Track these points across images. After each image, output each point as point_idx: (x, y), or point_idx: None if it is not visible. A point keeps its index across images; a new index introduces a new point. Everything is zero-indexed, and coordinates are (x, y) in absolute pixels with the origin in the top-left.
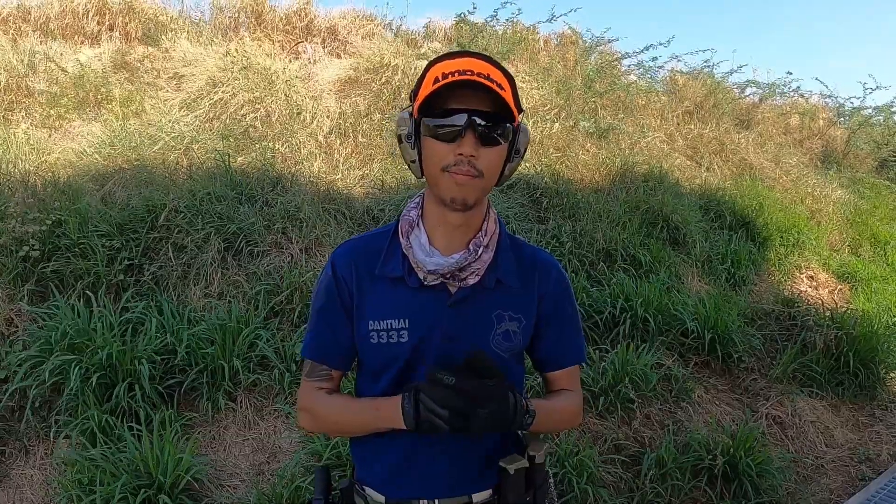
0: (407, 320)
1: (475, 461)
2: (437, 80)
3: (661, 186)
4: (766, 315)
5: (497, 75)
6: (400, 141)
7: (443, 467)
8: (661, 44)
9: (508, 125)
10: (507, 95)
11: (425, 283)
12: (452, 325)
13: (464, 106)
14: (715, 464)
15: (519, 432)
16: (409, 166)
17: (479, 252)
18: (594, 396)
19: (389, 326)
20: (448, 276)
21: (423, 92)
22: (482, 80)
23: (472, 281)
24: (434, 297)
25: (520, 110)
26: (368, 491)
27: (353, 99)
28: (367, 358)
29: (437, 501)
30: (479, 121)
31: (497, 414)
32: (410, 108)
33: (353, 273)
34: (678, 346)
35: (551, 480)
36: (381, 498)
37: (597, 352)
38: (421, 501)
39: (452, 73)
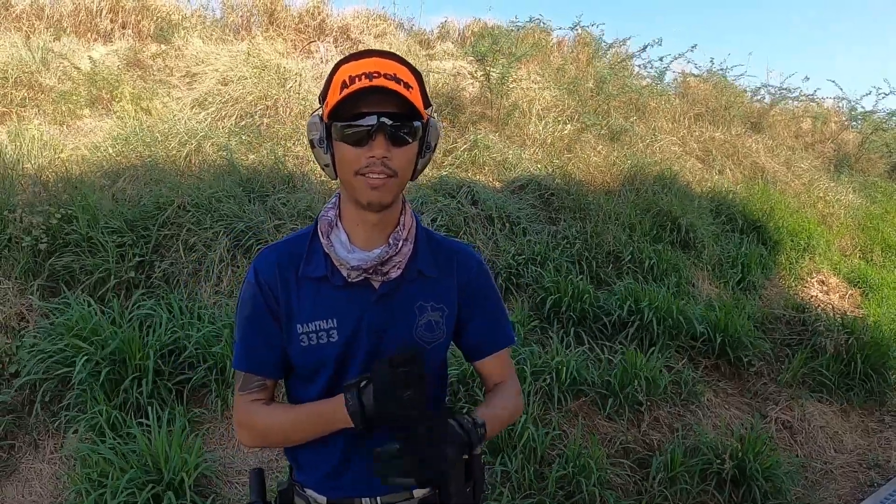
0: (335, 319)
1: None
2: (344, 85)
3: (672, 189)
4: (777, 319)
5: (404, 74)
6: (312, 146)
7: None
8: (656, 42)
9: (417, 123)
10: (415, 95)
11: (349, 280)
12: (379, 319)
13: (372, 109)
14: (724, 468)
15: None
16: (323, 169)
17: (399, 245)
18: (602, 398)
19: (318, 327)
20: (371, 271)
21: (332, 98)
22: (389, 84)
23: (394, 274)
24: (359, 294)
25: (427, 105)
26: (309, 492)
27: None
28: (300, 361)
29: (378, 499)
30: (388, 122)
31: (458, 451)
32: (321, 112)
33: (276, 278)
34: (688, 350)
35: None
36: (323, 498)
37: (605, 351)
38: (363, 500)
39: (360, 77)
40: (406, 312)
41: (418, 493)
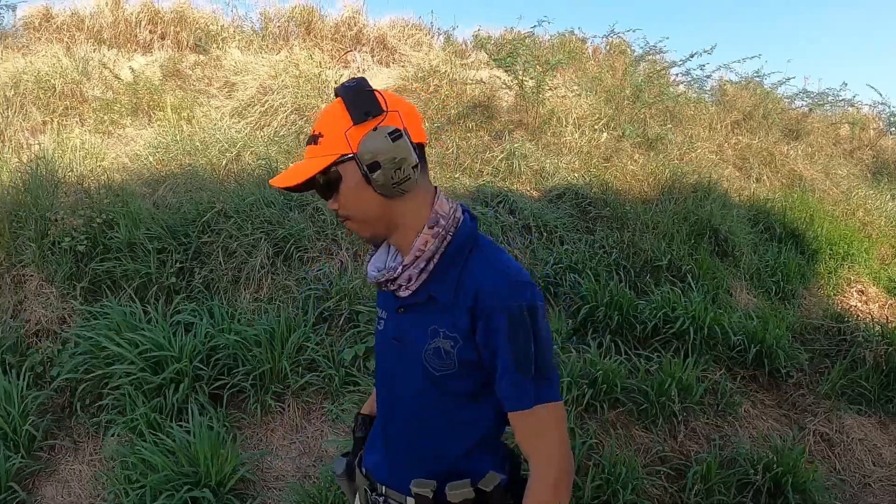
0: (384, 311)
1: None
2: None
3: (710, 197)
4: (815, 329)
5: (321, 122)
6: None
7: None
8: (704, 51)
9: (333, 169)
10: (325, 143)
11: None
12: (398, 327)
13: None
14: (760, 479)
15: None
16: None
17: (398, 270)
18: (639, 407)
19: (379, 313)
20: (384, 284)
21: None
22: (286, 179)
23: (403, 294)
24: (391, 298)
25: (359, 120)
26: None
27: None
28: None
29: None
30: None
31: None
32: None
33: None
34: (725, 360)
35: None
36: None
37: (641, 360)
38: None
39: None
40: (420, 331)
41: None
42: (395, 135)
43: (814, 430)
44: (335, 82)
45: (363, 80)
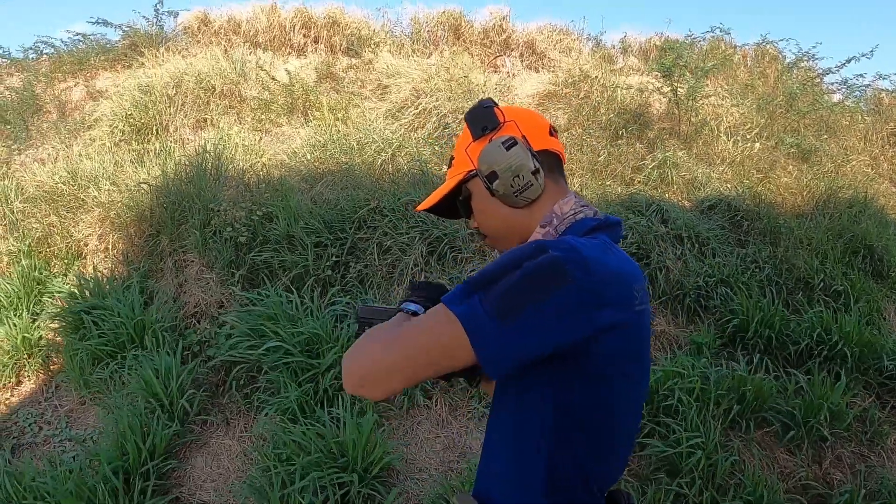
0: None
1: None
2: None
3: (865, 213)
4: None
5: (455, 146)
6: None
7: None
8: (863, 55)
9: (464, 187)
10: (458, 160)
11: None
12: None
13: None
14: None
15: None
16: None
17: None
18: (784, 428)
19: None
20: None
21: None
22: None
23: None
24: None
25: (478, 135)
26: None
27: (553, 113)
28: None
29: None
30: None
31: None
32: None
33: None
34: (875, 386)
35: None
36: None
37: (791, 380)
38: None
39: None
40: None
41: None
42: (509, 143)
43: None
44: (485, 86)
45: (486, 99)
